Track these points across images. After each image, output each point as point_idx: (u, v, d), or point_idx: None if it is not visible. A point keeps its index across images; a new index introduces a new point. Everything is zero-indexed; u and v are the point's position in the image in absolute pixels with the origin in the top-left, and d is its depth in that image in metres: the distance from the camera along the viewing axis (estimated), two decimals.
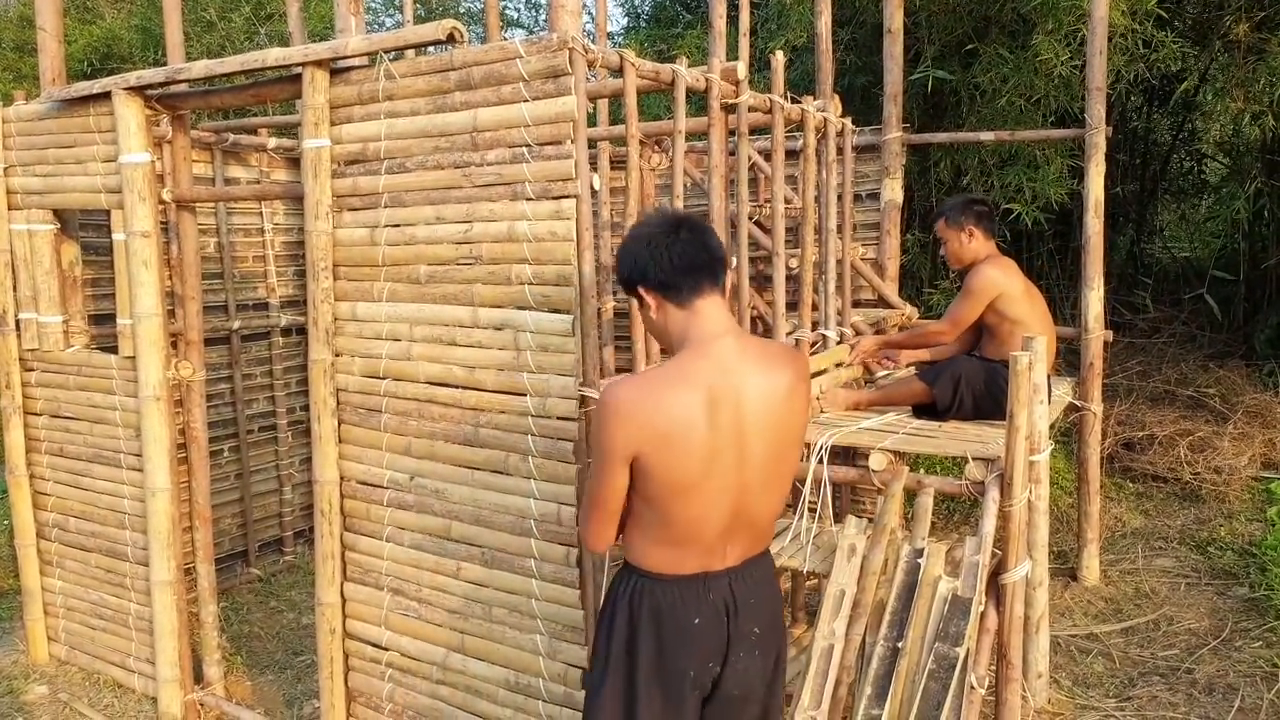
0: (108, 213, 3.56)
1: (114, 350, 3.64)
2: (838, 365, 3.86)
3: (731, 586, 1.96)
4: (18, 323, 3.87)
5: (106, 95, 3.36)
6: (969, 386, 3.51)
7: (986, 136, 5.05)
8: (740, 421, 1.86)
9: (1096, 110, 4.39)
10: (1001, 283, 3.63)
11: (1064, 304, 6.40)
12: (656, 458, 1.83)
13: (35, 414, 3.93)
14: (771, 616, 2.05)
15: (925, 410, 3.60)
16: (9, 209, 3.81)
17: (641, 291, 1.94)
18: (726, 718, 2.02)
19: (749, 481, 1.91)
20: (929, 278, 6.30)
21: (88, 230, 4.18)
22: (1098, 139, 4.40)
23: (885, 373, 4.11)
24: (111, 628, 3.85)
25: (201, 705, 3.64)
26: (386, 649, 3.08)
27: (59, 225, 3.80)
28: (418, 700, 3.04)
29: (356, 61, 2.88)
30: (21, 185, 3.76)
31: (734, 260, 3.41)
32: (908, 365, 4.07)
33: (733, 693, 2.00)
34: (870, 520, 2.78)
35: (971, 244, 3.73)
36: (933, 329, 3.88)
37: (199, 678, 3.73)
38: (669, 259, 1.89)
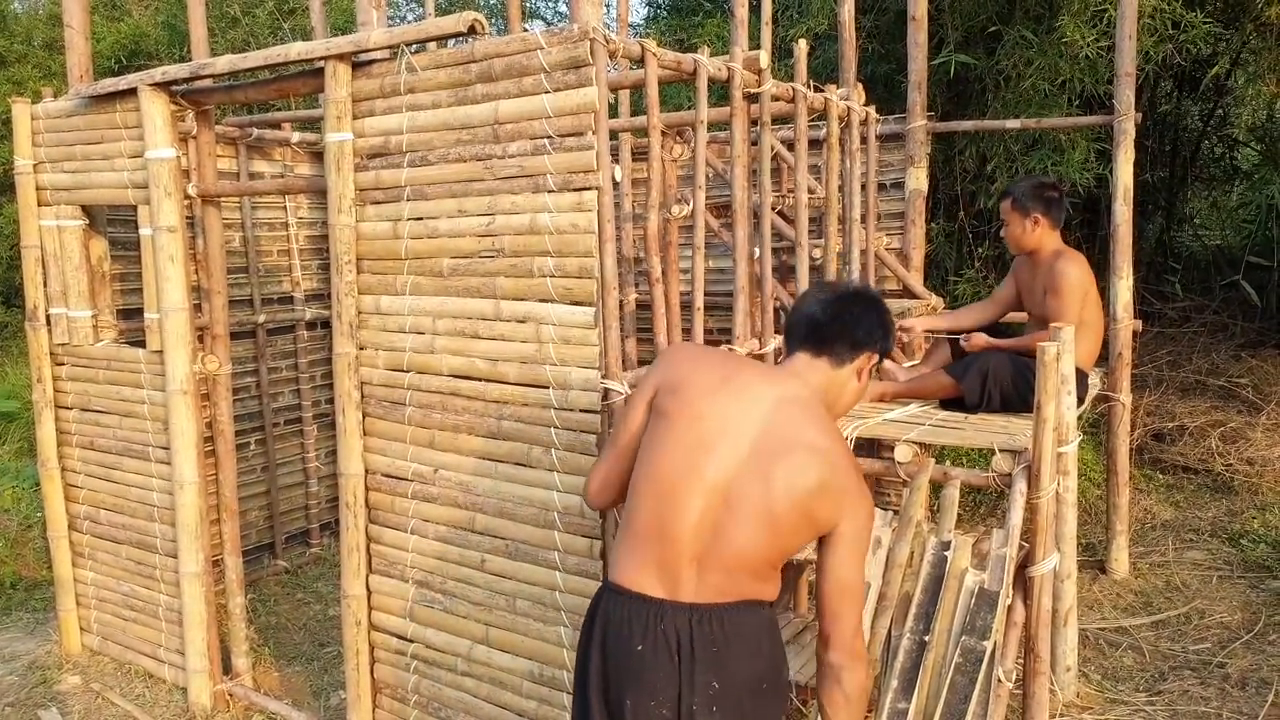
0: (135, 208, 3.59)
1: (142, 344, 3.68)
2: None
3: (692, 624, 1.77)
4: (48, 318, 3.92)
5: (132, 91, 3.39)
6: (996, 381, 3.46)
7: (1012, 124, 4.99)
8: (755, 438, 1.79)
9: (1125, 96, 4.32)
10: (1088, 285, 3.55)
11: None
12: (661, 399, 1.88)
13: (66, 408, 3.98)
14: (740, 675, 1.79)
15: (952, 402, 3.56)
16: (39, 205, 3.86)
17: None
18: None
19: (735, 500, 1.78)
20: (954, 267, 6.24)
21: (115, 225, 4.22)
22: (1127, 125, 4.33)
23: (910, 363, 4.07)
24: (142, 619, 3.90)
25: (230, 695, 3.69)
26: (411, 641, 3.10)
27: (87, 221, 3.84)
28: (442, 692, 3.05)
29: (378, 55, 2.88)
30: (51, 181, 3.81)
31: (757, 251, 3.39)
32: (926, 350, 4.03)
33: None
34: (896, 513, 2.76)
35: (1035, 232, 3.60)
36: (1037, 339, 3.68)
37: (228, 668, 3.78)
38: (798, 315, 1.97)
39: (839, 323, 1.91)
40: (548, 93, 2.54)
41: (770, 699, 1.86)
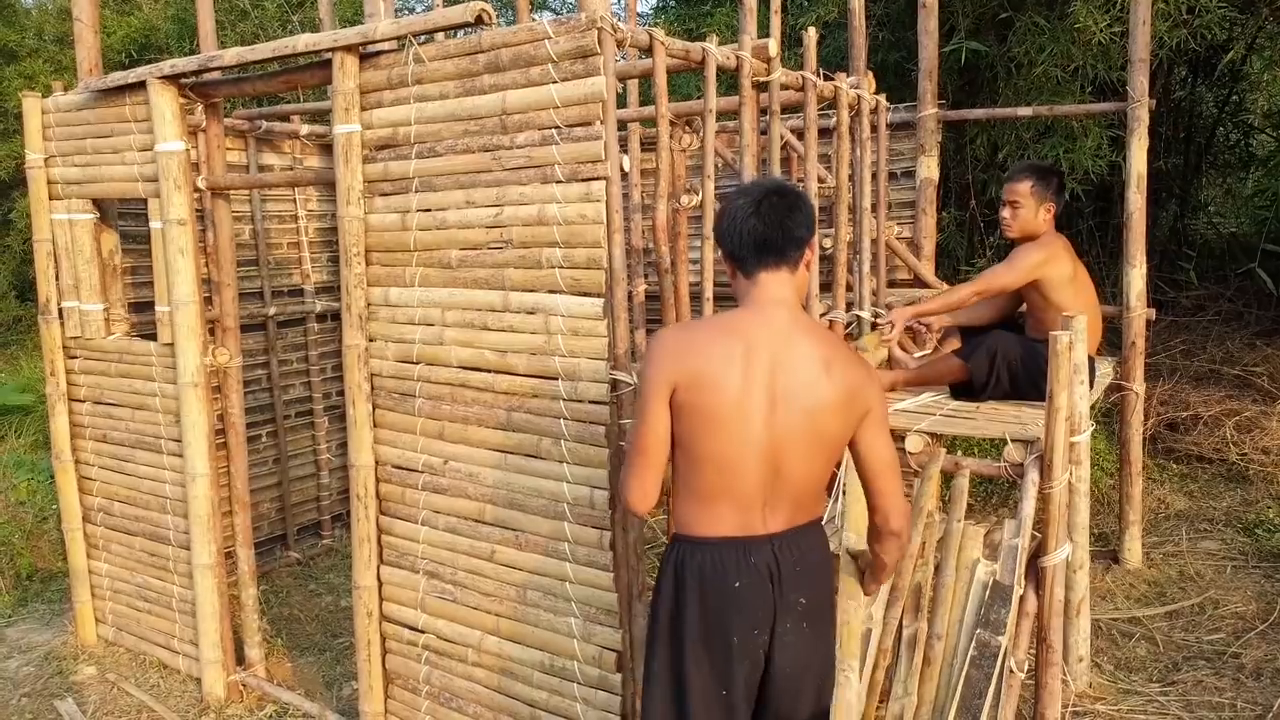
0: (145, 201, 3.60)
1: (153, 337, 3.70)
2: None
3: (775, 552, 1.97)
4: (61, 311, 3.94)
5: (142, 85, 3.40)
6: (1005, 362, 3.44)
7: (1025, 112, 4.95)
8: (775, 380, 1.92)
9: (1139, 82, 4.28)
10: (1045, 266, 3.51)
11: (1105, 281, 6.27)
12: (688, 395, 1.92)
13: (79, 401, 4.01)
14: (821, 589, 2.04)
15: (962, 390, 3.55)
16: (50, 199, 3.87)
17: (722, 256, 2.07)
18: (783, 696, 2.01)
19: (784, 442, 1.93)
20: (965, 256, 6.21)
21: (126, 219, 4.23)
22: (1140, 112, 4.29)
23: (922, 353, 4.05)
24: (156, 610, 3.93)
25: (244, 686, 3.71)
26: (423, 631, 3.11)
27: (98, 214, 3.86)
28: (454, 682, 3.07)
29: (386, 46, 2.88)
30: (61, 175, 3.82)
31: None
32: (938, 340, 4.00)
33: (785, 669, 1.99)
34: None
35: (1042, 218, 3.58)
36: (962, 291, 3.67)
37: (241, 659, 3.80)
38: (741, 234, 1.98)
39: (782, 230, 1.97)
40: (555, 83, 2.53)
41: (832, 609, 2.13)
